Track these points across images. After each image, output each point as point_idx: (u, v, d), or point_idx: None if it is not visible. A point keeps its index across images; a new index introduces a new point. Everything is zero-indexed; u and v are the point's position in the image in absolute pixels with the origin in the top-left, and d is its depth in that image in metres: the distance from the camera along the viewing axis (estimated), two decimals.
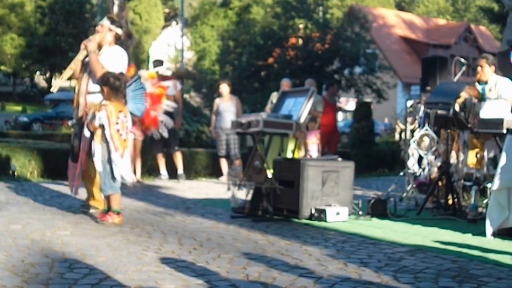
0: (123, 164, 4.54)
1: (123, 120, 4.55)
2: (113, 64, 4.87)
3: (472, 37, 32.73)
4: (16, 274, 2.93)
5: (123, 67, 4.98)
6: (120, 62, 4.95)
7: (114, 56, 4.93)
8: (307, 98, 5.31)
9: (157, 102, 7.56)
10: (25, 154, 7.73)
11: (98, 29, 5.03)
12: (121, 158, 4.51)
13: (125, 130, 4.56)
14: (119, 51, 4.99)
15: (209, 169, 9.24)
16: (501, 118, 4.66)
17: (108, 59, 4.89)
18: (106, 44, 5.00)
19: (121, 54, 4.98)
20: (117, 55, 4.96)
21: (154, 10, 35.64)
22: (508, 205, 4.28)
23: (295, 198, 4.99)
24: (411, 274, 3.17)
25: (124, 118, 4.57)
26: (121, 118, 4.53)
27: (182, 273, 3.06)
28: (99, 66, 4.83)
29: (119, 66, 4.93)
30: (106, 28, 5.00)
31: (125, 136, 4.56)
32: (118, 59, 4.94)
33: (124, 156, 4.55)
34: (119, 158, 4.50)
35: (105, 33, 4.99)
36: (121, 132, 4.53)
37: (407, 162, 6.60)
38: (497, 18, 19.57)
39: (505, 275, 3.19)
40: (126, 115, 4.60)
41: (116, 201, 4.57)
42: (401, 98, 26.66)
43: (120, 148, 4.51)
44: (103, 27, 5.00)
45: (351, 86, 20.22)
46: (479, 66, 5.38)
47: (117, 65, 4.91)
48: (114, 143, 4.48)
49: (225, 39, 22.86)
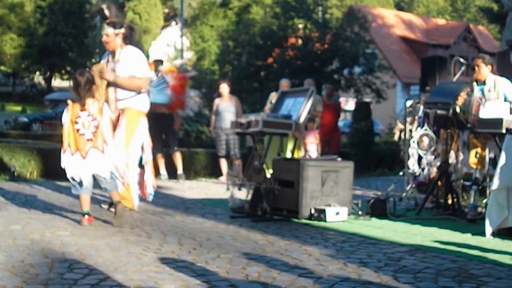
0: (72, 164, 4.35)
1: (86, 119, 4.35)
2: (139, 69, 4.92)
3: (471, 37, 32.71)
4: (16, 274, 2.93)
5: (144, 65, 5.03)
6: (143, 64, 5.01)
7: (135, 61, 4.96)
8: (306, 98, 5.32)
9: (182, 91, 7.76)
10: (25, 154, 7.73)
11: (106, 39, 5.00)
12: (70, 157, 4.34)
13: (89, 130, 4.35)
14: (135, 52, 5.01)
15: (208, 169, 9.24)
16: (500, 118, 4.66)
17: (127, 64, 4.92)
18: (118, 49, 5.01)
19: (138, 54, 5.02)
20: (136, 58, 4.98)
21: (153, 10, 35.62)
22: (507, 205, 4.28)
23: (295, 198, 5.00)
24: (411, 274, 3.17)
25: (89, 116, 4.36)
26: (83, 117, 4.36)
27: (182, 273, 3.06)
28: (134, 82, 4.89)
29: (144, 67, 5.01)
30: (112, 35, 4.98)
31: (90, 136, 4.35)
32: (140, 61, 4.98)
33: (88, 156, 4.34)
34: (67, 158, 4.35)
35: (114, 40, 4.98)
36: (82, 131, 4.35)
37: (407, 162, 6.60)
38: (496, 18, 19.57)
39: (504, 274, 3.19)
40: (91, 113, 4.37)
41: (80, 203, 4.43)
42: (400, 98, 26.64)
43: (70, 147, 4.33)
44: (109, 35, 4.98)
45: (350, 86, 20.20)
46: (476, 66, 5.39)
47: (143, 68, 4.98)
48: (63, 143, 4.38)
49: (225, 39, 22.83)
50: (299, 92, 5.67)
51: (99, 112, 4.43)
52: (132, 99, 5.04)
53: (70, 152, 4.37)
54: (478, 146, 5.34)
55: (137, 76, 4.94)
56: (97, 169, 4.43)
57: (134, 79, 4.94)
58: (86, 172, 4.40)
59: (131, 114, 5.03)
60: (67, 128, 4.39)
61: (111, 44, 4.99)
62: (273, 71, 18.88)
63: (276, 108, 5.65)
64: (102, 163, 4.44)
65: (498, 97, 5.26)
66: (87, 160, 4.38)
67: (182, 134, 10.08)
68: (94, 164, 4.41)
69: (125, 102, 5.02)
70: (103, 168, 4.45)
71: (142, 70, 4.97)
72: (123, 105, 5.02)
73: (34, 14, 36.52)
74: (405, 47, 32.27)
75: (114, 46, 5.00)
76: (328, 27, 19.93)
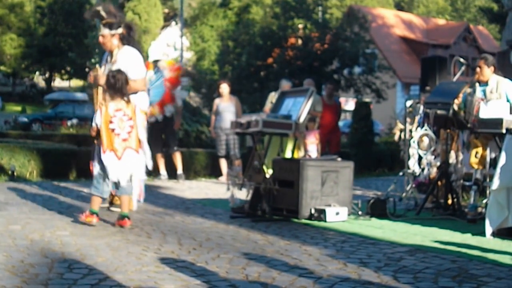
0: (116, 166, 4.31)
1: (121, 118, 4.36)
2: (136, 70, 4.88)
3: (471, 37, 32.72)
4: (16, 274, 2.93)
5: (140, 66, 4.99)
6: (140, 64, 4.97)
7: (132, 62, 4.92)
8: (306, 98, 5.32)
9: (176, 83, 7.78)
10: (25, 154, 7.73)
11: (102, 40, 4.98)
12: (116, 159, 4.30)
13: (125, 130, 4.36)
14: (132, 53, 4.97)
15: (208, 169, 9.24)
16: (501, 118, 4.66)
17: (124, 65, 4.89)
18: (115, 49, 4.98)
19: (135, 54, 4.98)
20: (133, 59, 4.94)
21: (153, 10, 35.61)
22: (507, 205, 4.28)
23: (295, 198, 5.00)
24: (411, 274, 3.17)
25: (124, 116, 4.37)
26: (118, 116, 4.35)
27: (182, 273, 3.06)
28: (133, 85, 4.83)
29: (141, 68, 4.97)
30: (109, 36, 4.95)
31: (126, 136, 4.36)
32: (137, 62, 4.95)
33: (124, 156, 4.33)
34: (111, 160, 4.30)
35: (110, 41, 4.96)
36: (118, 131, 4.34)
37: (407, 162, 6.60)
38: (496, 18, 19.57)
39: (504, 275, 3.20)
40: (126, 114, 4.39)
41: (93, 202, 4.39)
42: (400, 98, 26.65)
43: (110, 149, 4.29)
44: (105, 36, 4.95)
45: (350, 86, 20.21)
46: (478, 67, 5.38)
47: (140, 69, 4.94)
48: (103, 145, 4.33)
49: (225, 39, 22.85)
50: (299, 92, 5.68)
51: (134, 112, 4.42)
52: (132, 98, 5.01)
53: (112, 156, 4.30)
54: (478, 146, 5.34)
55: (133, 78, 4.88)
56: (132, 169, 4.39)
57: (131, 82, 4.89)
58: (124, 172, 4.36)
59: None
60: (103, 128, 4.33)
61: (108, 45, 4.97)
62: (273, 71, 18.90)
63: (276, 108, 5.65)
64: (137, 164, 4.42)
65: (500, 98, 5.26)
66: (123, 160, 4.34)
67: (182, 134, 10.07)
68: (130, 164, 4.37)
69: None
70: (138, 169, 4.44)
71: (138, 71, 4.91)
72: None
73: (34, 14, 36.56)
74: (405, 47, 32.28)
75: (111, 46, 4.97)
76: (328, 27, 19.94)
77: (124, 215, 4.39)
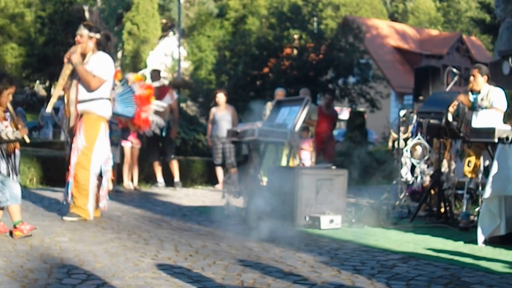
0: None
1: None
2: (100, 71, 4.91)
3: (464, 48, 32.97)
4: (15, 279, 2.97)
5: (110, 73, 5.01)
6: (107, 68, 4.99)
7: (101, 63, 4.95)
8: (301, 107, 5.39)
9: (146, 103, 7.58)
10: (25, 162, 7.73)
11: (78, 39, 5.02)
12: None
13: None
14: (104, 57, 5.01)
15: (205, 177, 9.28)
16: (493, 127, 4.72)
17: (95, 67, 4.92)
18: (89, 52, 5.02)
19: (107, 60, 5.01)
20: (103, 61, 4.98)
21: (151, 20, 35.75)
22: (499, 213, 4.33)
23: (290, 205, 5.04)
24: (404, 281, 3.21)
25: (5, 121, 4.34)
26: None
27: (178, 279, 3.09)
28: (89, 76, 4.87)
29: (107, 72, 4.97)
30: (86, 37, 5.00)
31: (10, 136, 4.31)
32: (105, 65, 4.97)
33: None
34: None
35: (86, 42, 5.00)
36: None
37: (400, 171, 6.67)
38: (489, 29, 19.78)
39: (496, 282, 3.23)
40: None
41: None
42: (394, 107, 26.79)
43: None
44: (83, 36, 5.00)
45: (345, 96, 20.34)
46: (472, 76, 5.46)
47: (105, 72, 4.95)
48: None
49: (221, 49, 22.98)
50: (295, 101, 5.75)
51: None
52: (93, 103, 4.96)
53: None
54: (471, 155, 5.41)
55: (94, 73, 4.87)
56: None
57: (89, 74, 4.87)
58: None
59: (90, 119, 4.94)
60: None
61: (83, 46, 4.99)
62: (269, 81, 19.01)
63: (272, 117, 5.72)
64: None
65: (489, 106, 5.34)
66: None
67: (179, 143, 10.12)
68: None
69: (85, 105, 4.95)
70: None
71: (103, 72, 4.90)
72: (83, 108, 4.95)
73: (34, 24, 36.63)
74: (398, 57, 32.49)
75: (86, 48, 5.00)
76: (323, 37, 20.11)
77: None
